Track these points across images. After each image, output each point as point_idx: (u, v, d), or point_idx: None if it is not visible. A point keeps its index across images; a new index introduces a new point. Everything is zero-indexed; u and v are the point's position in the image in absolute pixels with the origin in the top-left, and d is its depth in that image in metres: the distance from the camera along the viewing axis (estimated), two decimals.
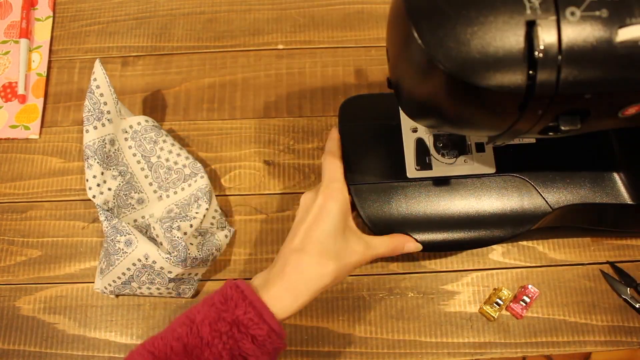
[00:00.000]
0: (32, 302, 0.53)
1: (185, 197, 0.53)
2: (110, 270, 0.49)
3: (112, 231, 0.48)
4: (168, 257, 0.47)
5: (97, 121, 0.50)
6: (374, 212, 0.47)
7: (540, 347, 0.50)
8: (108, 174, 0.51)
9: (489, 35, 0.30)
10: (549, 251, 0.53)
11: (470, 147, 0.49)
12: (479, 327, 0.51)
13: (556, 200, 0.47)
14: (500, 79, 0.30)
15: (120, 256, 0.48)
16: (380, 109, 0.52)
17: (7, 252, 0.55)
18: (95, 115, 0.50)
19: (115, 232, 0.48)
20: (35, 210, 0.56)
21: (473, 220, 0.47)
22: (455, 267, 0.53)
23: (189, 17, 0.63)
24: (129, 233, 0.48)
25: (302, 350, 0.51)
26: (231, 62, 0.61)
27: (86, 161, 0.50)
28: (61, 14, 0.64)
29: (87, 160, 0.50)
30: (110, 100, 0.51)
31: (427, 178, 0.48)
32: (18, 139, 0.59)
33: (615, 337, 0.50)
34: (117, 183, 0.52)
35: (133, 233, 0.48)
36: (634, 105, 0.33)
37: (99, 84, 0.50)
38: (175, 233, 0.47)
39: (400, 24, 0.33)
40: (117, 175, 0.52)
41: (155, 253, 0.47)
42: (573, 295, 0.52)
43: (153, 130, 0.54)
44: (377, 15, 0.62)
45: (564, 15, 0.29)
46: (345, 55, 0.61)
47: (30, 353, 0.52)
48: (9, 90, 0.60)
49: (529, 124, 0.33)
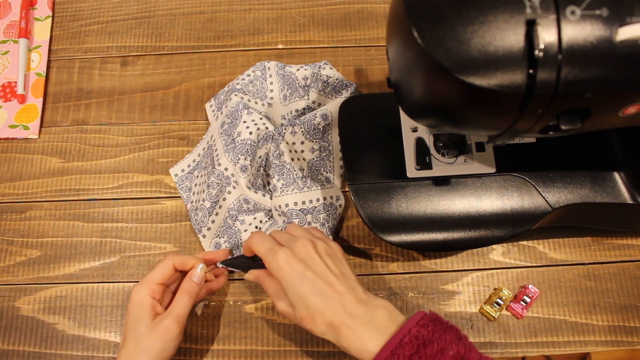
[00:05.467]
0: (32, 302, 0.53)
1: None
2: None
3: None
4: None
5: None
6: (373, 212, 0.47)
7: (541, 347, 0.50)
8: (308, 145, 0.53)
9: (489, 34, 0.30)
10: (549, 251, 0.53)
11: (470, 146, 0.49)
12: (479, 327, 0.51)
13: (556, 199, 0.46)
14: (501, 78, 0.30)
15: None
16: (380, 109, 0.52)
17: (7, 252, 0.55)
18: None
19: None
20: (35, 210, 0.56)
21: (473, 220, 0.46)
22: (455, 267, 0.53)
23: (189, 17, 0.63)
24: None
25: (302, 350, 0.51)
26: (231, 62, 0.61)
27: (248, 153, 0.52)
28: (60, 14, 0.64)
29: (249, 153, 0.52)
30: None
31: (427, 178, 0.48)
32: (17, 139, 0.59)
33: (615, 337, 0.50)
34: (312, 156, 0.54)
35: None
36: (634, 105, 0.32)
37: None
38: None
39: (400, 23, 0.33)
40: (316, 149, 0.54)
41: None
42: (573, 295, 0.52)
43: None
44: (377, 15, 0.62)
45: (564, 14, 0.29)
46: (345, 55, 0.61)
47: (30, 353, 0.52)
48: (8, 90, 0.60)
49: (529, 124, 0.33)
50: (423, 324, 0.37)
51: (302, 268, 0.40)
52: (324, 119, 0.53)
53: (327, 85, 0.55)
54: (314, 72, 0.56)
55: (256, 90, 0.57)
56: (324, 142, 0.54)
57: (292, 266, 0.40)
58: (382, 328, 0.38)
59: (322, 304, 0.39)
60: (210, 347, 0.51)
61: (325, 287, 0.40)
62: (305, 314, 0.40)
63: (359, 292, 0.40)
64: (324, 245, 0.43)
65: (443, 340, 0.36)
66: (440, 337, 0.36)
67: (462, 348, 0.36)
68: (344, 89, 0.56)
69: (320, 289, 0.39)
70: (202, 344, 0.51)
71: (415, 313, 0.39)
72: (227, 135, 0.53)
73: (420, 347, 0.36)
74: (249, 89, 0.56)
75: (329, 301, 0.39)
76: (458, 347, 0.36)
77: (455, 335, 0.37)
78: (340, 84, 0.55)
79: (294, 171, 0.51)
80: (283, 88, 0.56)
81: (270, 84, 0.57)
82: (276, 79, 0.57)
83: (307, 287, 0.40)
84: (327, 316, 0.39)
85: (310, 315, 0.39)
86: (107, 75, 0.61)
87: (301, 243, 0.42)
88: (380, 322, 0.38)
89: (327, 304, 0.39)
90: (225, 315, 0.52)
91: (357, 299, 0.40)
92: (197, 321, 0.52)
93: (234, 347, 0.51)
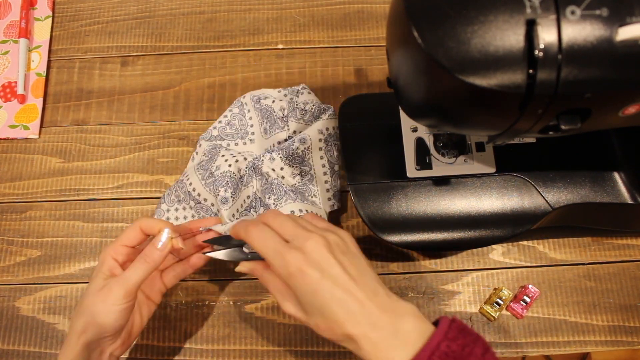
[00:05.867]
0: (32, 302, 0.53)
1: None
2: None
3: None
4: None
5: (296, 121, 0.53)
6: (373, 212, 0.47)
7: (541, 347, 0.50)
8: (288, 170, 0.51)
9: (489, 34, 0.30)
10: (549, 251, 0.53)
11: (470, 146, 0.49)
12: (479, 327, 0.51)
13: (556, 199, 0.46)
14: (501, 78, 0.30)
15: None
16: (380, 109, 0.52)
17: (7, 252, 0.55)
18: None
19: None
20: (35, 210, 0.56)
21: (473, 219, 0.46)
22: (455, 267, 0.53)
23: (189, 17, 0.63)
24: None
25: (302, 350, 0.51)
26: (231, 61, 0.61)
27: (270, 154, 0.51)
28: (60, 14, 0.64)
29: (272, 153, 0.51)
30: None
31: (427, 178, 0.48)
32: (17, 139, 0.59)
33: (615, 337, 0.50)
34: (294, 182, 0.52)
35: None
36: (634, 105, 0.32)
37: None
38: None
39: (400, 23, 0.33)
40: (297, 174, 0.52)
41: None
42: (573, 295, 0.52)
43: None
44: (377, 15, 0.62)
45: (564, 14, 0.29)
46: (345, 55, 0.61)
47: (29, 353, 0.52)
48: (9, 90, 0.60)
49: (529, 124, 0.33)
50: (452, 337, 0.34)
51: (317, 275, 0.35)
52: (302, 142, 0.51)
53: (306, 113, 0.53)
54: (290, 100, 0.55)
55: (235, 131, 0.56)
56: (305, 167, 0.53)
57: (305, 273, 0.35)
58: (408, 341, 0.34)
59: (341, 314, 0.35)
60: (210, 347, 0.51)
61: (345, 295, 0.35)
62: (322, 324, 0.36)
63: (381, 296, 0.36)
64: (337, 240, 0.38)
65: (474, 356, 0.33)
66: (471, 353, 0.34)
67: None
68: (322, 114, 0.54)
69: (339, 298, 0.35)
70: (202, 344, 0.51)
71: (441, 320, 0.35)
72: (205, 170, 0.52)
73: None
74: (227, 132, 0.56)
75: (349, 312, 0.35)
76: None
77: (484, 348, 0.34)
78: (318, 109, 0.54)
79: (282, 186, 0.50)
80: (262, 122, 0.55)
81: (249, 119, 0.56)
82: (254, 113, 0.56)
83: (324, 296, 0.35)
84: (347, 328, 0.35)
85: (329, 327, 0.36)
86: (107, 75, 0.61)
87: (313, 243, 0.36)
88: (406, 334, 0.35)
89: (347, 315, 0.35)
90: (225, 315, 0.52)
91: (380, 306, 0.35)
92: (197, 321, 0.52)
93: (234, 347, 0.51)
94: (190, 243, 0.46)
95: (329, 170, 0.53)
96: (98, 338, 0.40)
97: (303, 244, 0.37)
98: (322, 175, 0.53)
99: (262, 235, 0.38)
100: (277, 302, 0.42)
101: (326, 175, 0.53)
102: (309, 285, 0.36)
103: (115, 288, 0.40)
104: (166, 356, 0.51)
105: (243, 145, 0.56)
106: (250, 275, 0.44)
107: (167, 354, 0.51)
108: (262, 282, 0.41)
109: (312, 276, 0.35)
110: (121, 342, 0.42)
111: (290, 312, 0.38)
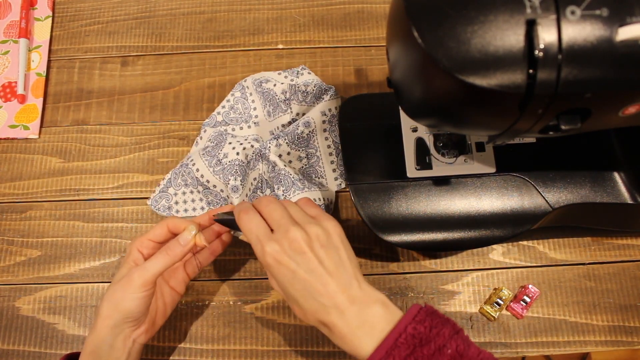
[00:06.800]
0: (32, 302, 0.53)
1: None
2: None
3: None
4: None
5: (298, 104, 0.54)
6: (373, 212, 0.47)
7: (541, 347, 0.50)
8: (294, 154, 0.53)
9: (489, 34, 0.30)
10: (549, 251, 0.53)
11: (470, 146, 0.49)
12: (479, 327, 0.51)
13: (556, 199, 0.46)
14: (501, 78, 0.30)
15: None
16: (380, 109, 0.52)
17: (7, 252, 0.55)
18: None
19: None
20: (35, 210, 0.56)
21: (473, 219, 0.46)
22: (455, 267, 0.53)
23: (189, 17, 0.63)
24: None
25: (302, 350, 0.51)
26: (231, 61, 0.61)
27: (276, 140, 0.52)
28: (60, 14, 0.64)
29: (278, 139, 0.52)
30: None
31: (427, 178, 0.48)
32: (17, 139, 0.59)
33: (615, 337, 0.50)
34: (301, 165, 0.53)
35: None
36: (634, 105, 0.32)
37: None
38: None
39: (400, 23, 0.33)
40: (303, 157, 0.54)
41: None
42: (573, 295, 0.52)
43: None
44: (377, 15, 0.62)
45: (564, 14, 0.29)
46: (345, 55, 0.61)
47: (29, 353, 0.52)
48: (9, 90, 0.60)
49: (529, 123, 0.33)
50: (420, 320, 0.36)
51: (292, 266, 0.38)
52: (306, 126, 0.53)
53: (307, 95, 0.54)
54: (292, 83, 0.55)
55: (239, 115, 0.57)
56: (311, 149, 0.54)
57: (281, 264, 0.38)
58: (376, 327, 0.37)
59: (313, 305, 0.38)
60: (210, 347, 0.51)
61: (318, 286, 0.37)
62: (298, 312, 0.40)
63: (353, 289, 0.38)
64: (318, 232, 0.39)
65: (441, 337, 0.35)
66: (439, 333, 0.35)
67: (461, 344, 0.35)
68: (324, 94, 0.55)
69: (311, 290, 0.38)
70: (202, 344, 0.51)
71: (411, 307, 0.37)
72: (211, 156, 0.53)
73: (417, 346, 0.35)
74: (231, 117, 0.56)
75: (320, 302, 0.37)
76: (457, 343, 0.35)
77: (453, 329, 0.36)
78: (319, 90, 0.55)
79: (290, 175, 0.51)
80: (265, 105, 0.56)
81: (252, 102, 0.57)
82: (257, 96, 0.57)
83: (297, 287, 0.38)
84: (319, 316, 0.38)
85: (303, 314, 0.39)
86: (107, 75, 0.61)
87: (292, 235, 0.38)
88: (374, 321, 0.37)
89: (318, 305, 0.38)
90: (225, 315, 0.52)
91: (350, 298, 0.38)
92: (197, 321, 0.52)
93: (234, 347, 0.51)
94: (209, 230, 0.48)
95: (335, 150, 0.55)
96: (122, 323, 0.42)
97: (284, 235, 0.38)
98: (328, 155, 0.55)
99: (249, 222, 0.40)
100: (270, 283, 0.44)
101: (332, 156, 0.55)
102: (284, 276, 0.38)
103: (135, 277, 0.42)
104: (166, 356, 0.51)
105: (248, 129, 0.56)
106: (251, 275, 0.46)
107: (167, 354, 0.51)
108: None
109: (287, 268, 0.38)
110: (145, 329, 0.44)
111: (275, 289, 0.41)
